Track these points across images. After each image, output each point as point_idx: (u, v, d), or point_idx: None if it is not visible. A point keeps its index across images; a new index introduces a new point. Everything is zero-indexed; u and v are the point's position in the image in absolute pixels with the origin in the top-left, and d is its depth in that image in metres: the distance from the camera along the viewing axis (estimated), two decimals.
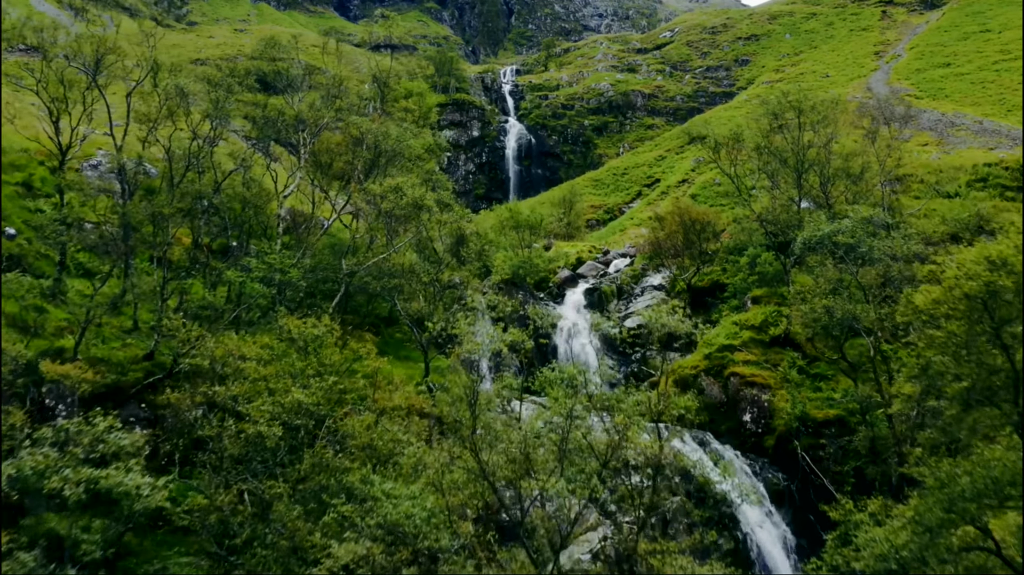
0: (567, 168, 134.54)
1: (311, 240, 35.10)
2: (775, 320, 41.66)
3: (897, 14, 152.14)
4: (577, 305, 49.62)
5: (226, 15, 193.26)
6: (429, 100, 44.86)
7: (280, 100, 39.89)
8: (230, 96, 32.68)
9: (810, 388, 39.00)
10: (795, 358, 40.00)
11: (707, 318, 46.33)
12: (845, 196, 40.90)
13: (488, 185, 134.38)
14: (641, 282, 50.58)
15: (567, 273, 51.95)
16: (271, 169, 36.21)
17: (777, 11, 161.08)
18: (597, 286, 50.74)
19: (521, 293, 49.19)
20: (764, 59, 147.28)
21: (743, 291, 44.98)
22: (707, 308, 46.89)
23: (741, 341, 40.81)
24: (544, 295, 50.67)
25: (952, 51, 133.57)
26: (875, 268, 31.43)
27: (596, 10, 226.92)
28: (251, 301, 29.15)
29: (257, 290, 28.61)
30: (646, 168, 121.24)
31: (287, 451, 23.21)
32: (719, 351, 40.62)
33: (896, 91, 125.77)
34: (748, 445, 37.94)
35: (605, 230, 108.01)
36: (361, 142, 35.46)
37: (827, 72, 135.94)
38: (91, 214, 35.94)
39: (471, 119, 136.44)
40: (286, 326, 24.03)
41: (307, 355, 23.53)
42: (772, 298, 43.38)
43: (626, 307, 49.25)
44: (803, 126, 40.02)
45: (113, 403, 30.86)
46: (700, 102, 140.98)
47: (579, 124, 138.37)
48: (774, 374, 39.32)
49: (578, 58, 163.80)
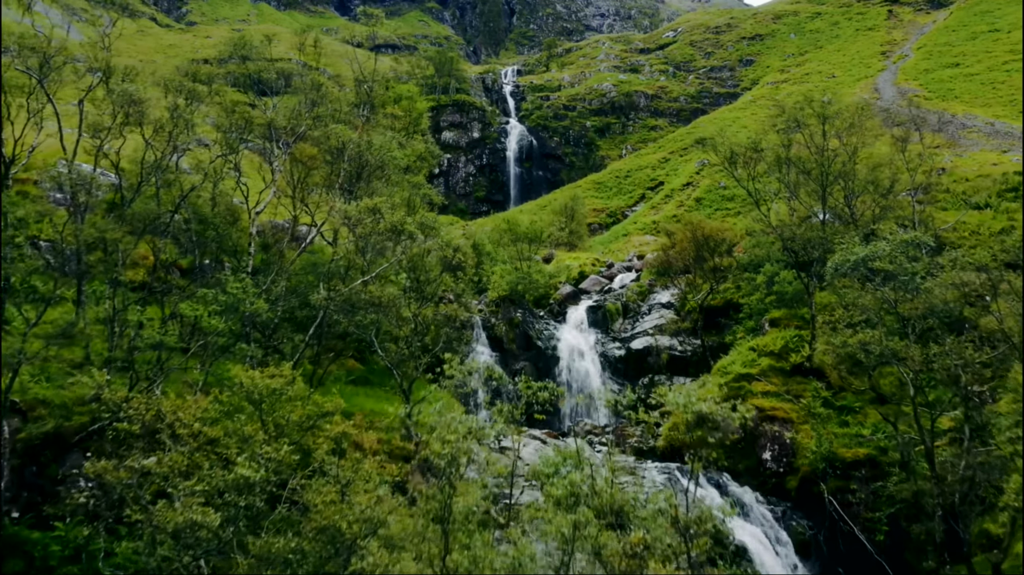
0: (569, 170, 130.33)
1: (286, 261, 30.98)
2: (796, 346, 37.52)
3: (903, 13, 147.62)
4: (579, 324, 45.54)
5: (226, 15, 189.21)
6: (420, 105, 40.73)
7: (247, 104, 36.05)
8: (192, 104, 28.60)
9: (836, 422, 34.87)
10: (819, 388, 35.88)
11: (720, 340, 42.21)
12: (872, 210, 36.73)
13: (488, 187, 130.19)
14: (648, 299, 46.46)
15: (569, 289, 47.81)
16: (241, 183, 32.07)
17: (781, 10, 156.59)
18: (601, 303, 46.62)
19: (520, 311, 45.14)
20: (769, 59, 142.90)
21: (760, 312, 40.84)
22: (720, 329, 42.75)
23: (759, 369, 36.71)
24: (544, 313, 46.58)
25: (960, 51, 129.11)
26: (918, 298, 27.31)
27: (598, 10, 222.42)
28: (207, 339, 25.08)
29: (214, 326, 24.52)
30: (649, 171, 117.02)
31: (245, 524, 19.23)
32: (735, 380, 36.54)
33: (904, 92, 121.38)
34: (769, 486, 33.87)
35: (608, 234, 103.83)
36: (342, 152, 31.40)
37: (833, 72, 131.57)
38: (49, 230, 31.97)
39: (471, 120, 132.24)
40: (237, 378, 20.02)
41: (264, 412, 19.56)
42: (792, 320, 39.23)
43: (632, 326, 45.14)
44: (827, 134, 35.86)
45: (54, 452, 26.89)
46: (704, 103, 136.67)
47: (581, 125, 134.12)
48: (796, 407, 35.22)
49: (580, 58, 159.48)
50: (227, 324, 24.78)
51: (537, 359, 43.88)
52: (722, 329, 42.80)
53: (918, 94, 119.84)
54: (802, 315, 39.18)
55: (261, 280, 32.09)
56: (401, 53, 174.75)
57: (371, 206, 24.95)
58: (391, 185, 32.59)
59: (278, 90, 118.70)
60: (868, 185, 35.54)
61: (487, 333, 44.79)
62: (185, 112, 27.72)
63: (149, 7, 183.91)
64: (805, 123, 35.79)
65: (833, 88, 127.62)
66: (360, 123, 36.37)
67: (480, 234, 52.42)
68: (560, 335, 44.51)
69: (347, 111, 37.04)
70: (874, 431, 34.16)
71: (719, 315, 42.89)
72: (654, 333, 43.53)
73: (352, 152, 31.35)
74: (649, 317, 45.04)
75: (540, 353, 43.92)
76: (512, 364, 43.77)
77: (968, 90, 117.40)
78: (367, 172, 33.22)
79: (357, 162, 32.77)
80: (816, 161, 34.84)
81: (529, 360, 43.86)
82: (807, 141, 35.74)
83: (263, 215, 39.13)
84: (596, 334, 44.97)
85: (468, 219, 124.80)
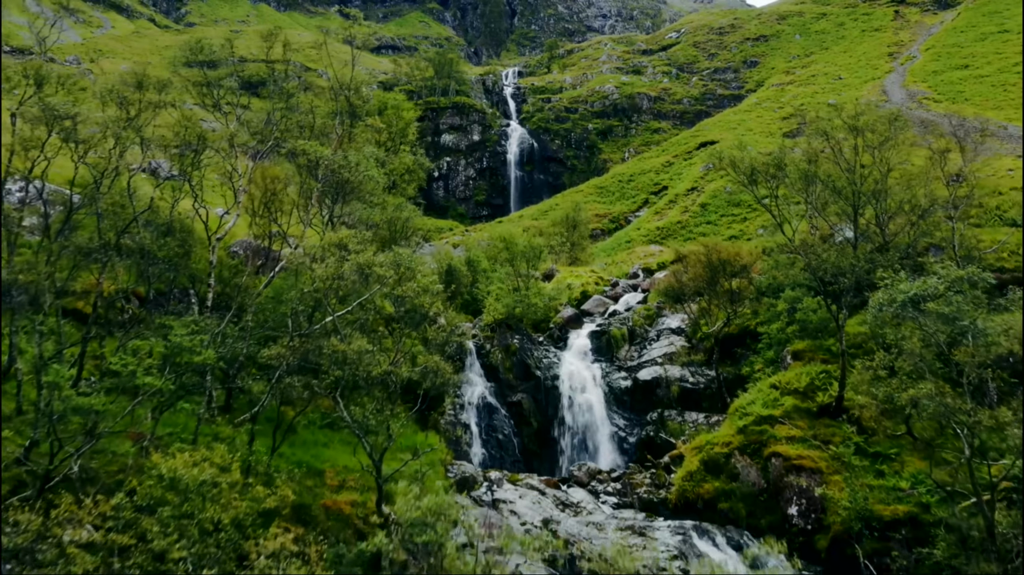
0: (570, 174, 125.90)
1: (251, 291, 26.67)
2: (823, 383, 33.08)
3: (910, 14, 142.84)
4: (582, 351, 41.14)
5: (225, 16, 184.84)
6: (407, 114, 36.37)
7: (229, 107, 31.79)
8: (129, 120, 24.20)
9: (870, 472, 30.42)
10: (850, 433, 31.43)
11: (736, 371, 37.78)
12: (909, 233, 32.28)
13: (489, 191, 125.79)
14: (656, 324, 42.03)
15: (570, 312, 43.36)
16: (199, 207, 27.69)
17: (786, 11, 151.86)
18: (605, 328, 42.16)
19: (517, 337, 40.78)
20: (773, 60, 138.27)
21: (780, 342, 36.43)
22: (736, 360, 38.34)
23: (783, 410, 32.31)
24: (544, 338, 42.18)
25: (970, 52, 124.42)
26: (977, 345, 22.92)
27: (600, 10, 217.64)
28: (144, 399, 20.82)
29: (150, 384, 20.21)
30: (653, 175, 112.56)
31: None
32: (756, 423, 32.13)
33: (913, 94, 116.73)
34: (795, 545, 29.44)
35: (610, 241, 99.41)
36: (315, 170, 27.07)
37: (840, 74, 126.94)
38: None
39: (471, 123, 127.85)
40: (156, 467, 15.79)
41: (188, 509, 15.37)
42: (817, 353, 34.80)
43: (639, 354, 40.74)
44: (859, 149, 31.42)
45: None
46: (708, 105, 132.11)
47: (583, 128, 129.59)
48: (825, 455, 30.80)
49: (582, 60, 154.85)
50: (166, 381, 20.43)
51: (536, 390, 39.52)
52: (738, 359, 38.39)
53: (927, 96, 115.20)
54: (829, 347, 34.76)
55: (224, 314, 27.77)
56: (402, 54, 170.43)
57: (337, 240, 20.68)
58: (371, 206, 28.29)
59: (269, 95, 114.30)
60: (904, 205, 31.13)
61: (481, 361, 40.43)
62: (122, 129, 23.36)
63: (148, 8, 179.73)
64: (833, 135, 31.35)
65: (839, 90, 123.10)
66: (337, 136, 31.95)
67: (476, 249, 48.11)
68: (561, 364, 40.12)
69: (322, 124, 32.72)
70: (914, 483, 29.75)
71: (735, 344, 38.47)
72: (663, 362, 39.14)
73: (325, 170, 27.05)
74: (658, 344, 40.62)
75: (539, 384, 39.54)
76: (509, 395, 39.44)
77: (979, 92, 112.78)
78: (345, 191, 28.94)
79: (332, 180, 28.48)
80: (847, 179, 30.42)
81: (527, 392, 39.49)
82: (835, 156, 31.32)
83: (240, 232, 34.89)
84: (600, 363, 40.57)
85: (468, 223, 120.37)
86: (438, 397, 35.97)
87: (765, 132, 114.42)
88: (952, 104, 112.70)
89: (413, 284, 20.73)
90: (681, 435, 36.41)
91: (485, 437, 38.31)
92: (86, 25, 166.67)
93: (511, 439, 38.17)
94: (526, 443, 38.46)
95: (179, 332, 21.55)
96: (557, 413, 38.91)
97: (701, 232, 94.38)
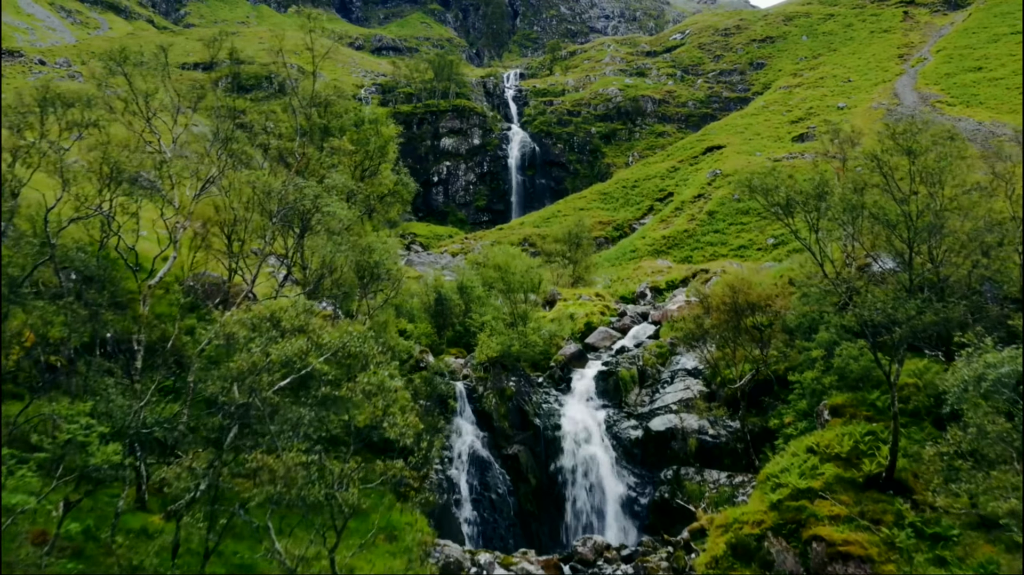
0: (573, 178, 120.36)
1: (192, 351, 21.34)
2: (870, 447, 27.62)
3: (919, 15, 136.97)
4: (587, 394, 35.76)
5: (224, 17, 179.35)
6: (387, 130, 30.89)
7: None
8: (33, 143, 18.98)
9: (930, 558, 25.03)
10: (904, 510, 26.05)
11: (763, 423, 32.34)
12: (970, 275, 26.81)
13: (489, 196, 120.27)
14: (670, 364, 36.60)
15: (573, 348, 37.90)
16: (123, 252, 22.34)
17: (792, 12, 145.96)
18: (612, 368, 36.71)
19: (514, 379, 35.43)
20: (780, 62, 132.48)
21: (815, 393, 30.97)
22: (762, 409, 32.91)
23: (823, 481, 26.94)
24: (544, 378, 36.80)
25: (983, 54, 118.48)
26: None
27: (603, 11, 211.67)
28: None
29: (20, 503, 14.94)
30: (658, 180, 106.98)
31: None
32: (792, 498, 26.76)
33: (926, 97, 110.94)
34: None
35: (614, 250, 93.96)
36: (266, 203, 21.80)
37: (849, 76, 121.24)
38: None
39: (472, 126, 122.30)
40: None
41: None
42: (860, 408, 29.34)
43: (651, 398, 35.35)
44: (915, 176, 25.98)
45: None
46: (714, 108, 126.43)
47: (586, 132, 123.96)
48: (875, 538, 25.43)
49: (584, 61, 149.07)
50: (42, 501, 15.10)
51: (534, 441, 34.13)
52: (764, 409, 32.91)
53: (940, 100, 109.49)
54: (873, 402, 29.33)
55: (155, 376, 22.44)
56: (403, 56, 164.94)
57: (267, 314, 15.36)
58: (337, 246, 22.92)
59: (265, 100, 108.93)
60: (969, 243, 25.74)
61: (473, 406, 35.03)
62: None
63: (147, 9, 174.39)
64: (885, 159, 25.89)
65: (849, 92, 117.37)
66: (297, 160, 26.49)
67: (469, 273, 42.68)
68: (563, 410, 34.71)
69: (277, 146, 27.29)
70: (981, 572, 24.40)
71: (761, 391, 32.99)
72: (678, 410, 33.71)
73: (271, 206, 21.74)
74: (672, 388, 35.19)
75: (538, 434, 34.15)
76: (504, 447, 34.05)
77: (993, 95, 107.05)
78: (306, 223, 23.61)
79: (289, 213, 23.17)
80: (901, 213, 25.01)
81: (525, 443, 34.11)
82: (887, 184, 25.86)
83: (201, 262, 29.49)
84: (607, 408, 35.13)
85: (468, 230, 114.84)
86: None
87: (773, 136, 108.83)
88: (967, 108, 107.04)
89: (365, 380, 15.36)
90: (700, 498, 31.02)
91: (477, 497, 32.92)
92: (83, 26, 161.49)
93: (506, 499, 32.81)
94: (523, 504, 33.08)
95: (71, 427, 16.19)
96: (559, 469, 33.53)
97: (709, 242, 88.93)
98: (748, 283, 28.84)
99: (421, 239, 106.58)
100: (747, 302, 27.85)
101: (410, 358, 37.04)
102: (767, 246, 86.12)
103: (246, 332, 15.18)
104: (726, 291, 28.45)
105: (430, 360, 36.97)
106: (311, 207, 21.77)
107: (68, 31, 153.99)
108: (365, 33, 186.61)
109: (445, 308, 39.99)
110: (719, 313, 28.54)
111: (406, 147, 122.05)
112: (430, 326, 39.96)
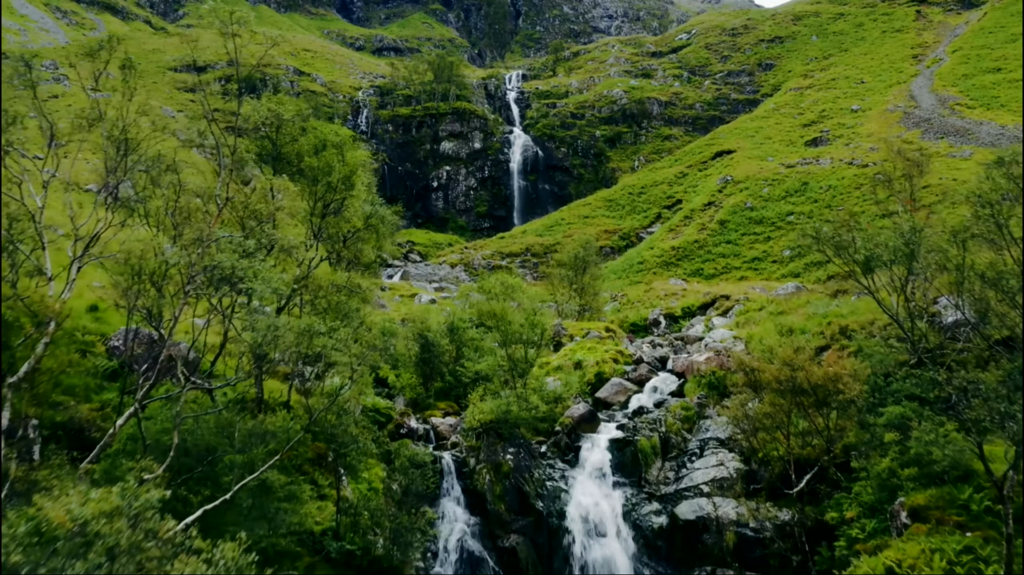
0: (577, 183, 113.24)
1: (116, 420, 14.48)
2: (969, 570, 20.90)
3: (933, 14, 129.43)
4: (599, 469, 28.89)
5: (224, 18, 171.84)
6: (353, 155, 23.94)
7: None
8: None
9: None
10: None
11: (818, 514, 25.46)
12: None
13: (491, 202, 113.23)
14: (698, 430, 29.76)
15: (582, 408, 30.95)
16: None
17: (801, 11, 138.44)
18: (630, 434, 29.78)
19: (511, 451, 28.60)
20: (790, 63, 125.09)
21: (886, 486, 24.08)
22: (815, 498, 25.85)
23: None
24: (548, 446, 29.96)
25: (1001, 54, 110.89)
26: None
27: (606, 11, 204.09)
28: None
29: None
30: (665, 187, 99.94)
31: None
32: None
33: (944, 100, 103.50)
34: None
35: (621, 260, 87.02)
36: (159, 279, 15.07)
37: (862, 77, 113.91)
38: None
39: (472, 130, 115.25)
40: None
41: None
42: (949, 511, 22.49)
43: (676, 474, 28.52)
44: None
45: None
46: (722, 110, 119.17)
47: (590, 135, 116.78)
48: None
49: (588, 62, 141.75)
50: None
51: (536, 530, 27.28)
52: (818, 497, 26.00)
53: (959, 102, 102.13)
54: (966, 503, 22.43)
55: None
56: (404, 56, 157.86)
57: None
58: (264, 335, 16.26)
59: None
60: None
61: (463, 483, 28.14)
62: None
63: (144, 10, 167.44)
64: (994, 202, 19.07)
65: (862, 94, 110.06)
66: (219, 205, 19.53)
67: (460, 313, 35.86)
68: (571, 490, 27.84)
69: (199, 185, 20.43)
70: None
71: (815, 476, 26.11)
72: (710, 491, 26.88)
73: (174, 271, 15.06)
74: (701, 462, 28.31)
75: (541, 520, 27.29)
76: (500, 537, 27.20)
77: (1015, 97, 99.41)
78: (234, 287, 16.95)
79: (214, 276, 16.50)
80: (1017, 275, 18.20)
81: (525, 532, 27.26)
82: (1000, 235, 19.07)
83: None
84: (623, 487, 28.24)
85: (469, 237, 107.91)
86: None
87: (785, 140, 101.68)
88: (987, 110, 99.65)
89: None
90: None
91: None
92: (78, 27, 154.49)
93: None
94: None
95: None
96: (565, 567, 26.64)
97: (720, 253, 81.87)
98: (807, 354, 21.84)
99: (419, 247, 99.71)
100: (811, 384, 20.93)
101: (389, 421, 30.36)
102: (783, 258, 78.94)
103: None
104: (782, 369, 21.50)
105: (412, 424, 30.23)
106: (230, 277, 15.09)
107: (62, 32, 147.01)
108: (366, 33, 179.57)
109: (432, 355, 33.22)
110: (772, 394, 21.61)
111: (404, 151, 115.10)
112: (415, 376, 33.21)
